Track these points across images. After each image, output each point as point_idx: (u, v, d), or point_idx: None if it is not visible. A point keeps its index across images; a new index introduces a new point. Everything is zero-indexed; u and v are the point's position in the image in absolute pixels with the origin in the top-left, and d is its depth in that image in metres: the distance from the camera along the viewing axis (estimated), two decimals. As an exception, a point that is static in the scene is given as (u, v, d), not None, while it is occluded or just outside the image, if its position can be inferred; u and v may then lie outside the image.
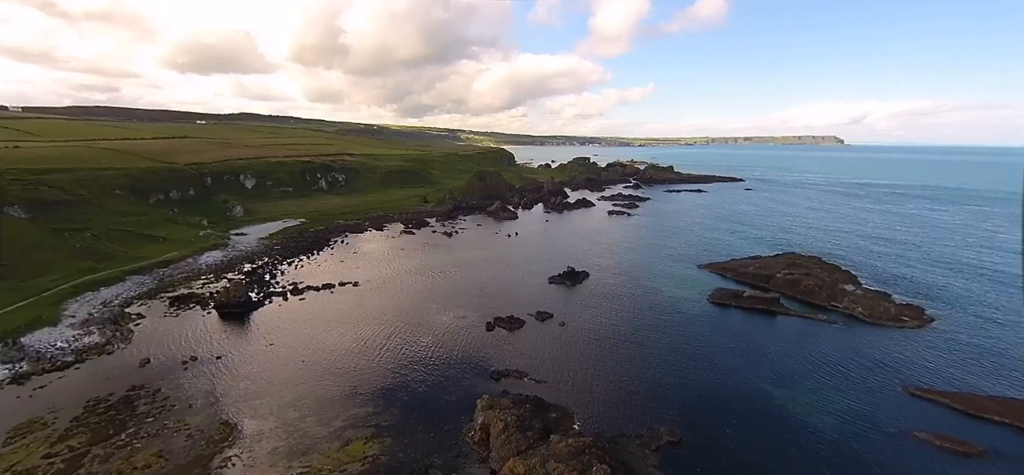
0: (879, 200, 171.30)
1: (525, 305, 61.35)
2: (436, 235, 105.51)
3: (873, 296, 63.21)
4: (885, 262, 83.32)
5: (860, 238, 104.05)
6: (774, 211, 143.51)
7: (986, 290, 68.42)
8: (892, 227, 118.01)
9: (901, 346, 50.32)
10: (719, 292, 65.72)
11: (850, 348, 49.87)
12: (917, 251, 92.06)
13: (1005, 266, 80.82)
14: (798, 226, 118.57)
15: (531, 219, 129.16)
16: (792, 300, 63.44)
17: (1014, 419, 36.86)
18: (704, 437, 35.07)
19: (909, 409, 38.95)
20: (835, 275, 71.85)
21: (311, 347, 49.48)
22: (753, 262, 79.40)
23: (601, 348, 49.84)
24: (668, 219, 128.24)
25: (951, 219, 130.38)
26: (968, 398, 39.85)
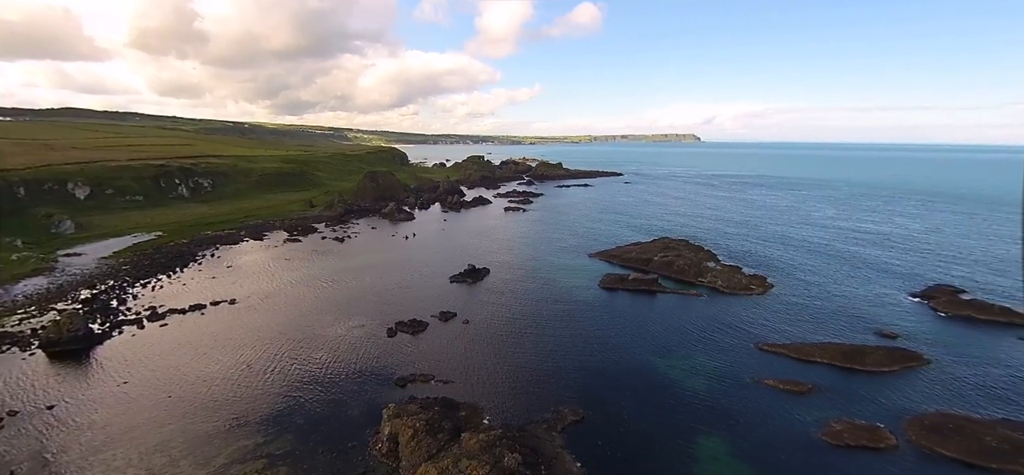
0: (729, 188, 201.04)
1: (427, 306, 60.30)
2: (326, 241, 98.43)
3: (729, 270, 73.95)
4: (736, 241, 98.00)
5: (716, 222, 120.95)
6: (649, 201, 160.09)
7: (808, 259, 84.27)
8: (739, 211, 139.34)
9: (751, 310, 59.74)
10: (608, 277, 71.43)
11: (714, 316, 57.84)
12: (758, 230, 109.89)
13: (819, 238, 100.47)
14: (669, 213, 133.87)
15: (429, 219, 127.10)
16: (668, 279, 71.47)
17: (831, 360, 46.11)
18: (603, 412, 37.97)
19: (759, 362, 46.46)
20: (700, 255, 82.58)
21: (179, 379, 42.98)
22: (635, 247, 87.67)
23: (505, 341, 51.06)
24: (560, 213, 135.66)
25: (779, 202, 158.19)
26: (799, 347, 48.81)
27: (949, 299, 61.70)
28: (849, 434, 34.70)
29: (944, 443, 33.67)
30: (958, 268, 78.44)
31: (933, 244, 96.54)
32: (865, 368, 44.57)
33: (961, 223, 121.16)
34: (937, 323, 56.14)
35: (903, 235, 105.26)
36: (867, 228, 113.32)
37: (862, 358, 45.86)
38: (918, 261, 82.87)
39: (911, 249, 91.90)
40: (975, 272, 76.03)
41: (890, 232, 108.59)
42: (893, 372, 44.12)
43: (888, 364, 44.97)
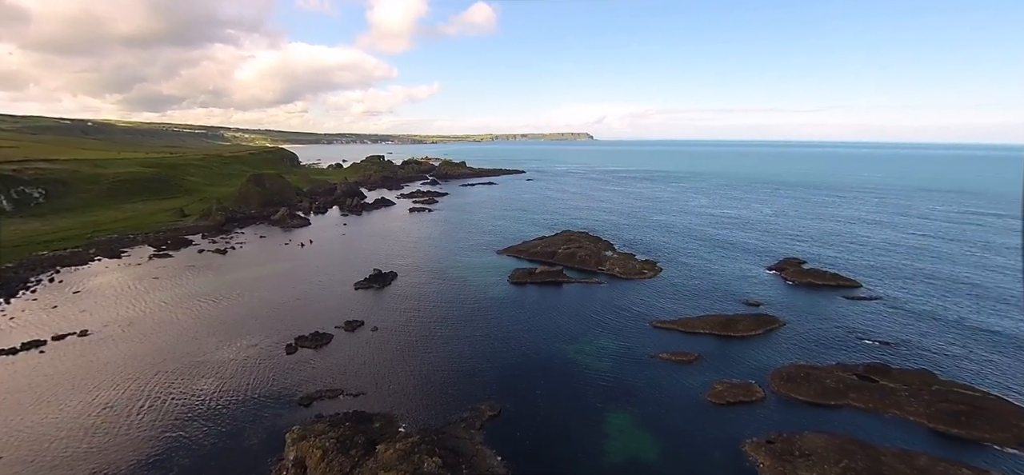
0: (620, 183, 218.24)
1: (331, 317, 56.51)
2: (205, 255, 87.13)
3: (624, 257, 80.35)
4: (629, 230, 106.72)
5: (611, 213, 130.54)
6: (551, 197, 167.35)
7: (688, 244, 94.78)
8: (629, 203, 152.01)
9: (645, 292, 65.59)
10: (517, 272, 73.30)
11: (614, 301, 62.45)
12: (646, 219, 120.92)
13: (695, 225, 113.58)
14: (569, 208, 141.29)
15: (327, 224, 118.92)
16: (572, 269, 75.45)
17: (711, 330, 52.50)
18: (519, 403, 38.96)
19: (654, 338, 51.23)
20: (599, 245, 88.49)
21: (11, 437, 35.08)
22: (540, 242, 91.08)
23: (418, 345, 49.86)
24: (467, 212, 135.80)
25: (662, 194, 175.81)
26: (686, 321, 54.81)
27: (795, 269, 73.81)
28: (728, 392, 39.90)
29: (797, 389, 40.33)
30: (799, 244, 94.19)
31: (781, 225, 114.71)
32: (737, 334, 51.51)
33: (800, 207, 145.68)
34: (787, 290, 66.87)
35: (758, 218, 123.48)
36: (732, 214, 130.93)
37: (735, 326, 52.91)
38: (771, 239, 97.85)
39: (765, 230, 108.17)
40: (812, 246, 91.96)
41: (749, 216, 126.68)
42: (758, 335, 51.60)
43: (754, 329, 52.48)
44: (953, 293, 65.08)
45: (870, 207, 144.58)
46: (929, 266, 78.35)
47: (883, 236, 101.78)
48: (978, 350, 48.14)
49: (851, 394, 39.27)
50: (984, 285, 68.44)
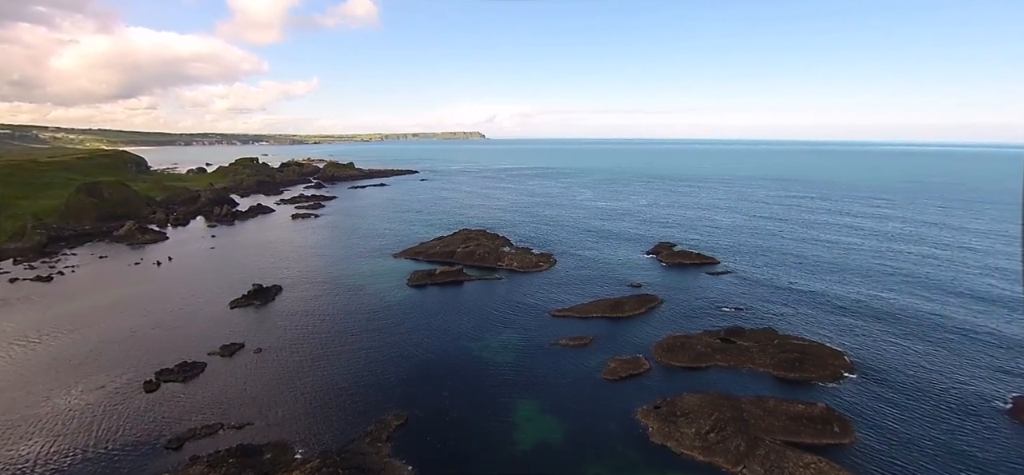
0: (513, 180, 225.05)
1: (202, 343, 49.54)
2: (21, 284, 70.24)
3: (522, 252, 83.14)
4: (524, 226, 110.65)
5: (506, 210, 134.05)
6: (446, 197, 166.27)
7: (578, 235, 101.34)
8: (523, 199, 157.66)
9: (543, 284, 68.67)
10: (415, 274, 71.57)
11: (514, 295, 64.34)
12: (539, 214, 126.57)
13: (583, 217, 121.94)
14: (466, 206, 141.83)
15: (189, 237, 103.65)
16: (472, 267, 75.90)
17: (603, 313, 56.91)
18: (427, 408, 38.19)
19: (553, 326, 53.95)
20: (496, 242, 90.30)
21: None
22: (438, 242, 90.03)
23: (311, 362, 46.09)
24: (358, 215, 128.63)
25: (552, 190, 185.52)
26: (581, 308, 58.66)
27: (668, 252, 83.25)
28: (620, 368, 43.68)
29: (675, 357, 45.68)
30: (669, 229, 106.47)
31: (654, 214, 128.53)
32: (625, 315, 56.58)
33: (668, 197, 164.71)
34: (662, 271, 75.22)
35: (635, 209, 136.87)
36: (613, 206, 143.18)
37: (622, 308, 58.04)
38: (646, 227, 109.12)
39: (642, 219, 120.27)
40: (679, 231, 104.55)
41: (628, 207, 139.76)
42: (642, 314, 57.26)
43: (638, 308, 58.13)
44: (783, 264, 79.11)
45: (721, 195, 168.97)
46: (765, 242, 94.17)
47: (731, 220, 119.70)
48: (803, 308, 59.26)
49: (717, 356, 45.63)
50: (805, 255, 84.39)
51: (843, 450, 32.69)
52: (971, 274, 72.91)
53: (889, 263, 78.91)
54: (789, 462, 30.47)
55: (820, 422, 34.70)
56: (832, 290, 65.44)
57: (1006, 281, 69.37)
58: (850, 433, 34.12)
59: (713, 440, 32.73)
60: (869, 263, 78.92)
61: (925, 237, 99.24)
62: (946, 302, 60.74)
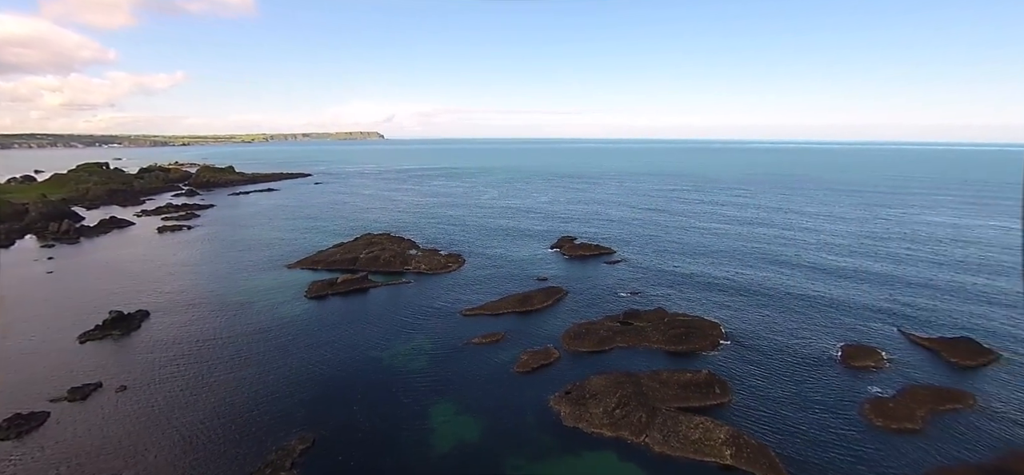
0: (416, 181, 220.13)
1: (43, 387, 40.99)
2: None
3: (429, 254, 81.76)
4: (430, 227, 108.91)
5: (410, 212, 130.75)
6: (345, 201, 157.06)
7: (485, 234, 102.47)
8: (427, 200, 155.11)
9: (453, 284, 68.30)
10: (314, 285, 66.62)
11: (423, 298, 63.10)
12: (443, 215, 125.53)
13: (489, 216, 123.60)
14: (367, 210, 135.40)
15: (17, 261, 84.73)
16: (377, 273, 72.76)
17: (513, 308, 58.31)
18: (335, 427, 35.87)
19: (466, 326, 53.98)
20: (402, 244, 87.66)
21: None
22: (338, 249, 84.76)
23: (193, 392, 40.60)
24: (243, 225, 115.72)
25: (456, 190, 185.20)
26: (492, 305, 59.47)
27: (570, 245, 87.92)
28: (532, 360, 45.19)
29: (582, 343, 48.53)
30: (570, 224, 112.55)
31: (555, 210, 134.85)
32: (534, 308, 58.62)
33: (568, 193, 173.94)
34: (566, 264, 79.30)
35: (538, 206, 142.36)
36: (517, 203, 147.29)
37: (531, 301, 60.03)
38: (549, 223, 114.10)
39: (544, 215, 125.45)
40: (578, 225, 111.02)
41: (531, 205, 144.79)
42: (549, 306, 59.80)
43: (546, 301, 60.59)
44: (668, 250, 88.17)
45: (614, 190, 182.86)
46: (652, 232, 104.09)
47: (623, 213, 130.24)
48: (686, 289, 66.64)
49: (617, 338, 49.39)
50: (685, 242, 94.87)
51: (724, 409, 37.54)
52: (808, 250, 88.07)
53: (748, 244, 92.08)
54: (682, 425, 34.15)
55: (705, 386, 39.41)
56: (708, 271, 74.53)
57: (833, 253, 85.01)
58: (728, 393, 39.28)
59: (619, 416, 35.44)
60: (734, 245, 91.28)
61: (774, 221, 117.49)
62: (792, 275, 72.63)
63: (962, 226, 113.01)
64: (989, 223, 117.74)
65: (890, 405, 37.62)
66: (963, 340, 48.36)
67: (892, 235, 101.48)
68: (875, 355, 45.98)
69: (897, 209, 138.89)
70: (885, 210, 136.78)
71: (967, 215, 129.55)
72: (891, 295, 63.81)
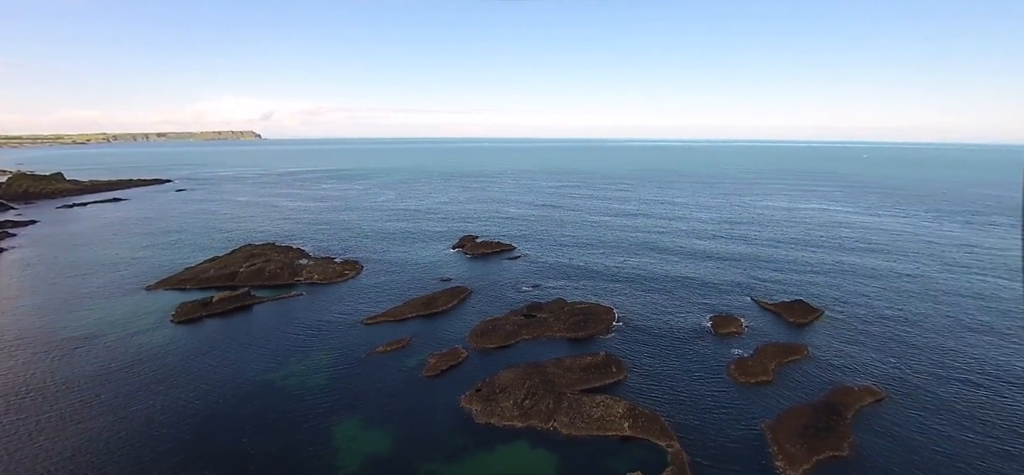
0: (301, 184, 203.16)
1: None
2: None
3: (323, 263, 76.18)
4: (322, 233, 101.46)
5: (298, 219, 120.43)
6: (217, 210, 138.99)
7: (384, 238, 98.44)
8: (316, 204, 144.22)
9: (351, 294, 64.50)
10: (183, 307, 58.04)
11: (318, 310, 58.68)
12: (337, 220, 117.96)
13: (387, 219, 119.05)
14: (246, 218, 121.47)
15: None
16: (263, 288, 65.84)
17: (418, 312, 56.95)
18: (225, 464, 31.75)
19: (368, 336, 51.38)
20: (290, 254, 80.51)
21: None
22: (212, 264, 74.98)
23: (14, 464, 32.85)
24: (80, 244, 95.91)
25: (350, 192, 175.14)
26: (395, 311, 57.41)
27: (472, 244, 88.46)
28: (440, 362, 44.66)
29: (489, 340, 49.23)
30: (470, 223, 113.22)
31: (454, 210, 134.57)
32: (439, 310, 57.91)
33: (465, 193, 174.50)
34: (469, 263, 79.63)
35: (437, 206, 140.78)
36: (416, 205, 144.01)
37: (435, 303, 59.23)
38: (449, 223, 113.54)
39: (444, 215, 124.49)
40: (478, 224, 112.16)
41: (430, 205, 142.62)
42: (454, 306, 59.56)
43: (451, 301, 60.24)
44: (563, 243, 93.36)
45: (510, 188, 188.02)
46: (548, 227, 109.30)
47: (520, 210, 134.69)
48: (582, 279, 71.18)
49: (523, 331, 51.01)
50: (578, 235, 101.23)
51: (620, 386, 40.94)
52: (681, 236, 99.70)
53: (633, 234, 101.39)
54: (585, 406, 36.52)
55: (603, 367, 42.58)
56: (599, 261, 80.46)
57: (700, 238, 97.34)
58: (623, 371, 42.92)
59: (528, 406, 36.70)
60: (621, 236, 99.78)
61: (653, 212, 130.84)
62: (669, 259, 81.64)
63: (793, 209, 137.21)
64: (811, 206, 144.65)
65: (749, 363, 44.37)
66: (797, 303, 58.82)
67: (743, 219, 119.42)
68: (736, 322, 53.80)
69: (746, 197, 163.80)
70: (738, 198, 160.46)
71: (797, 200, 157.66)
72: (745, 270, 75.17)
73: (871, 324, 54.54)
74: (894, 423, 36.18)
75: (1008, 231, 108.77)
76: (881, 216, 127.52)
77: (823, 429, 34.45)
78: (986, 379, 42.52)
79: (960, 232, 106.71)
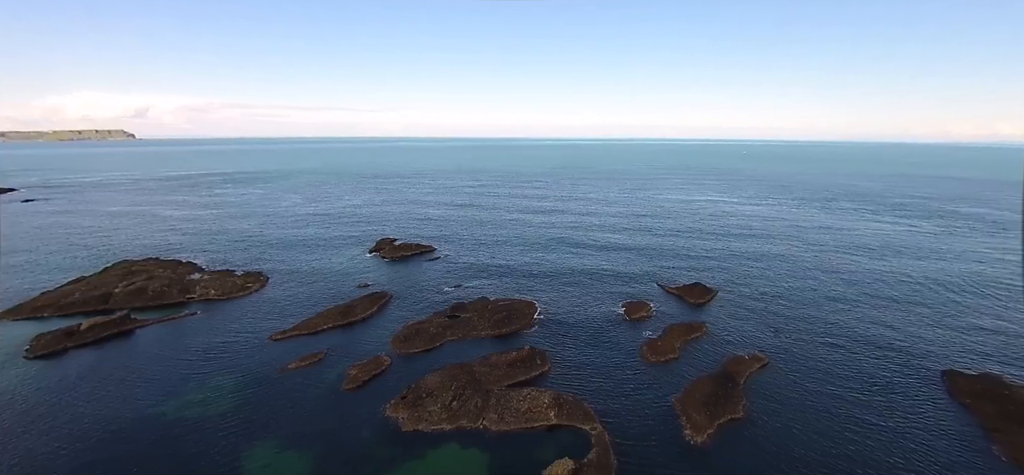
0: (191, 190, 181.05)
1: None
2: None
3: (220, 276, 68.81)
4: (219, 244, 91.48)
5: (187, 229, 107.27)
6: (81, 223, 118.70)
7: (291, 246, 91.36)
8: (210, 212, 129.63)
9: (256, 308, 59.02)
10: (40, 340, 48.99)
11: (217, 329, 52.91)
12: (236, 228, 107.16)
13: (294, 225, 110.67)
14: (119, 230, 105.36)
15: None
16: (145, 310, 57.77)
17: (334, 322, 53.75)
18: (99, 516, 27.38)
19: (277, 353, 47.41)
20: (179, 269, 71.67)
21: None
22: (78, 286, 64.20)
23: None
24: None
25: (250, 197, 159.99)
26: (307, 323, 53.60)
27: (390, 247, 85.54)
28: (362, 373, 42.67)
29: (413, 344, 48.05)
30: (387, 225, 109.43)
31: (370, 212, 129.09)
32: (358, 318, 55.23)
33: (381, 194, 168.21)
34: (387, 266, 76.94)
35: (351, 209, 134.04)
36: (326, 208, 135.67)
37: (353, 311, 56.40)
38: (365, 226, 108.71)
39: (359, 219, 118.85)
40: (396, 226, 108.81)
41: (343, 209, 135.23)
42: (374, 312, 57.20)
43: (370, 307, 57.77)
44: (484, 242, 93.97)
45: (427, 189, 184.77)
46: (468, 227, 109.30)
47: (439, 211, 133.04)
48: (503, 276, 72.24)
49: (447, 333, 50.52)
50: (498, 233, 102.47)
51: (545, 378, 42.29)
52: (593, 230, 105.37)
53: (549, 230, 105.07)
54: (513, 400, 37.21)
55: (528, 361, 43.67)
56: (519, 257, 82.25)
57: (610, 231, 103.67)
58: (548, 363, 44.37)
59: (456, 407, 36.48)
60: (538, 233, 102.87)
61: (568, 208, 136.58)
62: (584, 252, 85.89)
63: (688, 201, 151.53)
64: (702, 198, 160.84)
65: (659, 343, 48.29)
66: (696, 285, 65.16)
67: (646, 212, 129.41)
68: (646, 307, 58.21)
69: (649, 191, 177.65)
70: (642, 193, 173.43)
71: (691, 193, 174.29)
72: (650, 258, 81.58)
73: (755, 300, 62.17)
74: (776, 385, 41.67)
75: (853, 214, 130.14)
76: (759, 205, 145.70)
77: (722, 396, 38.63)
78: (843, 341, 50.61)
79: (818, 216, 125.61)
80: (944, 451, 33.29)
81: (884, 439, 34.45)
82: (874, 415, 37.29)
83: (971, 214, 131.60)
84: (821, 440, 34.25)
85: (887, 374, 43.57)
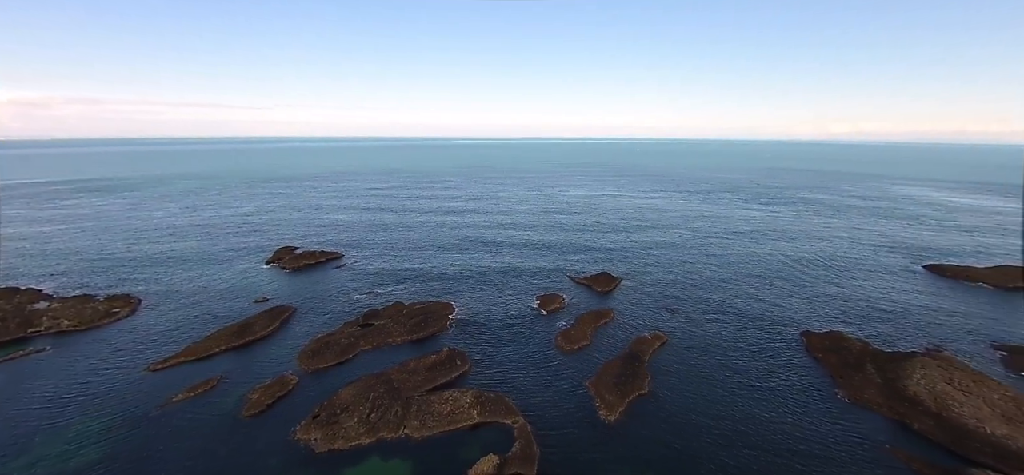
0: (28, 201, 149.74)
1: None
2: None
3: (76, 302, 58.25)
4: (71, 265, 77.08)
5: (25, 250, 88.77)
6: None
7: (168, 261, 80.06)
8: (57, 228, 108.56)
9: (125, 337, 50.86)
10: None
11: (75, 365, 44.74)
12: (94, 244, 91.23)
13: (171, 237, 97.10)
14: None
15: None
16: (-32, 352, 46.79)
17: (227, 344, 48.25)
18: None
19: (157, 385, 41.36)
20: (18, 298, 59.40)
21: None
22: None
23: None
24: None
25: (111, 209, 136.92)
26: (193, 347, 47.48)
27: (290, 257, 79.02)
28: (265, 395, 38.94)
29: (322, 359, 44.97)
30: (286, 233, 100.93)
31: (265, 220, 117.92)
32: (257, 337, 50.23)
33: (277, 200, 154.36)
34: (288, 277, 71.00)
35: (242, 217, 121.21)
36: (211, 217, 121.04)
37: (251, 329, 51.22)
38: (260, 235, 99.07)
39: (252, 227, 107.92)
40: (298, 233, 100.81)
41: (231, 216, 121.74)
42: (276, 329, 52.48)
43: (271, 323, 52.89)
44: (395, 246, 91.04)
45: (330, 192, 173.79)
46: (378, 230, 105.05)
47: (346, 216, 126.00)
48: (417, 279, 70.61)
49: (361, 342, 48.11)
50: (410, 237, 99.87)
51: (466, 377, 42.24)
52: (505, 228, 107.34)
53: (462, 230, 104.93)
54: (435, 404, 36.62)
55: (447, 362, 43.26)
56: (432, 259, 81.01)
57: (521, 228, 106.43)
58: (467, 362, 44.34)
59: (375, 419, 34.94)
60: (451, 233, 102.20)
61: (479, 208, 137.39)
62: (497, 250, 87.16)
63: (590, 196, 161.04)
64: (603, 193, 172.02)
65: (571, 332, 50.78)
66: (603, 274, 69.61)
67: (554, 209, 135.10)
68: (558, 299, 60.83)
69: (555, 188, 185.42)
70: (549, 190, 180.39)
71: (593, 189, 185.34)
72: (560, 252, 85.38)
73: (654, 285, 68.13)
74: (675, 360, 46.15)
75: (728, 203, 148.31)
76: (653, 198, 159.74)
77: (630, 375, 41.81)
78: (725, 316, 57.56)
79: (702, 206, 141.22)
80: (801, 400, 39.56)
81: (760, 397, 39.96)
82: (752, 378, 43.03)
83: (816, 200, 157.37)
84: (714, 406, 38.70)
85: (761, 341, 50.52)
